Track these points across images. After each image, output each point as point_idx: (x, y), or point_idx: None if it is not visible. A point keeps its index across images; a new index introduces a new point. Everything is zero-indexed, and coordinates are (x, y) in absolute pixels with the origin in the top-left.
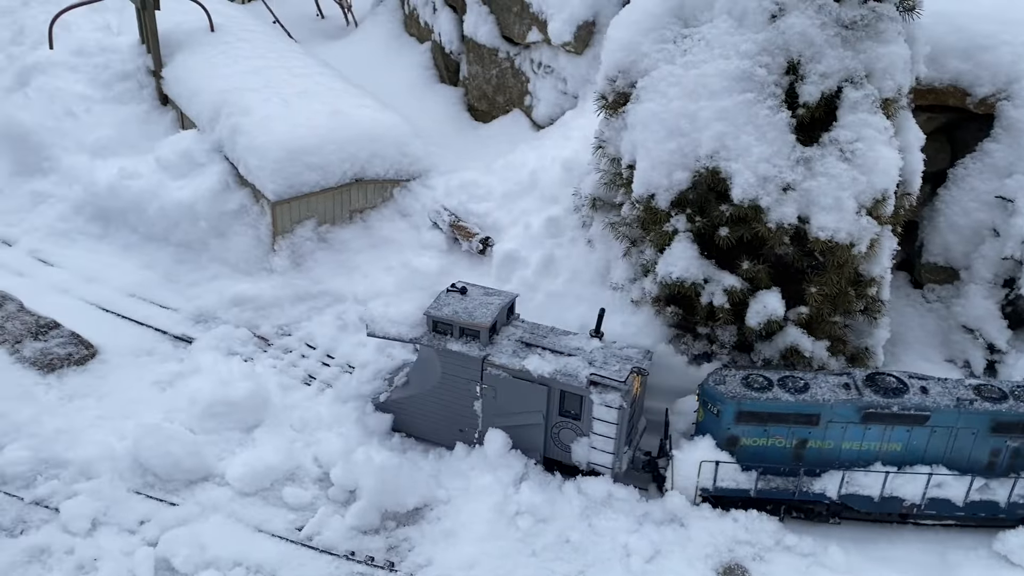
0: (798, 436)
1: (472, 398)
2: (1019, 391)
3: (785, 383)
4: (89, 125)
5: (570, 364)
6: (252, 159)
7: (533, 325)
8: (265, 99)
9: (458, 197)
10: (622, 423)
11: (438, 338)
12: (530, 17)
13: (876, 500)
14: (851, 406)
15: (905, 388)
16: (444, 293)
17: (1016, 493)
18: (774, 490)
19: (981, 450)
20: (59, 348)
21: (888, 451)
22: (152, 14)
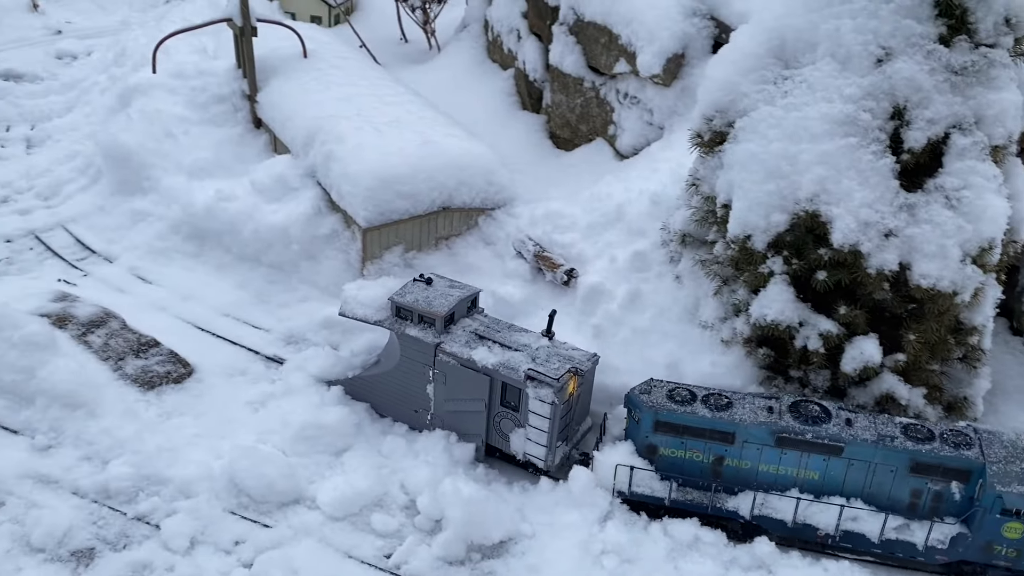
0: (715, 452)
1: (426, 382)
2: (950, 435)
3: (708, 400)
4: (187, 147)
5: (514, 358)
6: (345, 186)
7: (493, 320)
8: (358, 127)
9: (543, 227)
10: (555, 418)
11: (399, 323)
12: (618, 49)
13: (789, 525)
14: (765, 428)
15: (827, 418)
16: (411, 282)
17: (934, 537)
18: (689, 502)
19: (901, 489)
20: (158, 366)
21: (805, 478)
22: (250, 41)
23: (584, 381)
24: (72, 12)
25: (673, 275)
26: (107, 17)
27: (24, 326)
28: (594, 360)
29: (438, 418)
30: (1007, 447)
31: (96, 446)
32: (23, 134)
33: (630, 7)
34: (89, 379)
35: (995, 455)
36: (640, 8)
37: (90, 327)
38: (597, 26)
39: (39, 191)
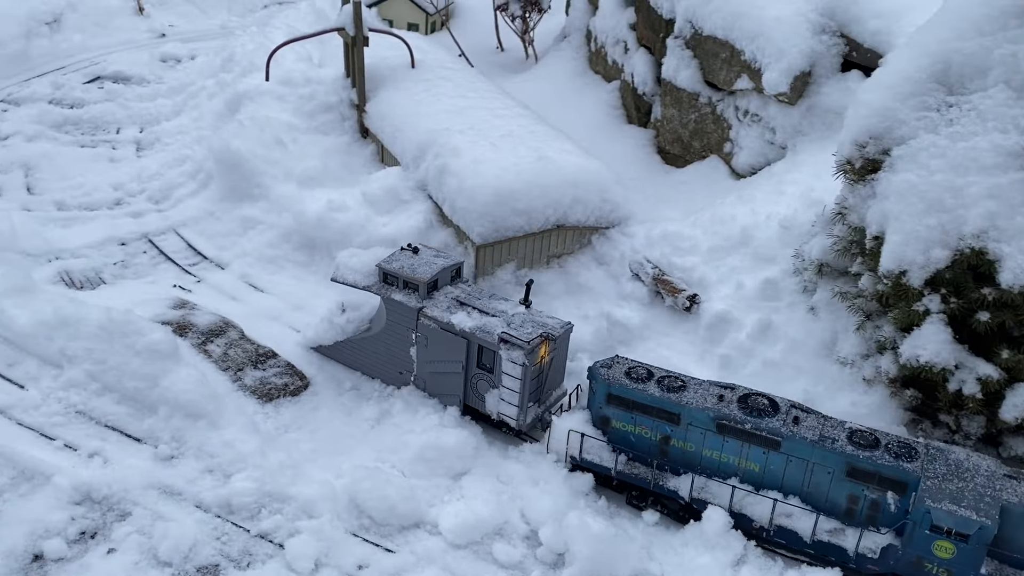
0: (662, 431)
1: (409, 345)
2: (895, 446)
3: (662, 381)
4: (296, 155)
5: (490, 323)
6: (460, 201)
7: (475, 288)
8: (472, 141)
9: (660, 248)
10: (525, 379)
11: (386, 288)
12: (740, 64)
13: (729, 512)
14: (707, 414)
15: (772, 413)
16: (399, 250)
17: (865, 545)
18: (633, 475)
19: (839, 493)
20: (276, 378)
21: (746, 469)
22: (361, 51)
23: (557, 348)
24: (175, 15)
25: (807, 306)
26: (207, 21)
27: (148, 333)
28: (568, 328)
29: (420, 379)
30: (950, 465)
31: (218, 459)
32: (133, 136)
33: (756, 22)
34: (211, 389)
35: (934, 471)
36: (768, 24)
37: (210, 336)
38: (717, 41)
39: (151, 194)
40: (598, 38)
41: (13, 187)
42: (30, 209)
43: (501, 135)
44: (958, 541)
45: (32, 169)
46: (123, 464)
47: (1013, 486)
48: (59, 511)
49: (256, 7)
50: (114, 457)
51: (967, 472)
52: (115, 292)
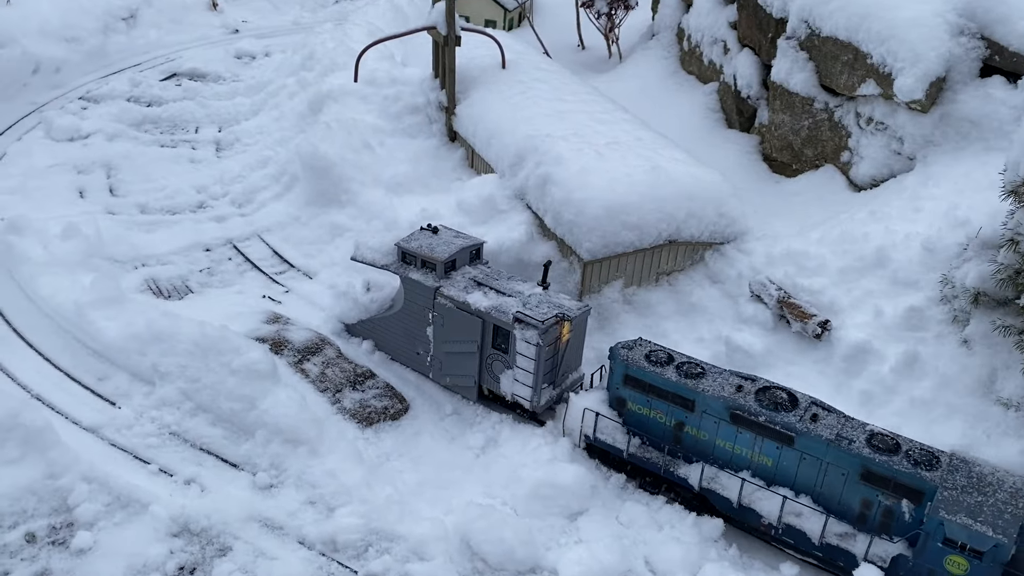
0: (676, 417)
1: (426, 324)
2: (916, 452)
3: (682, 366)
4: (384, 159)
5: (506, 303)
6: (567, 213)
7: (495, 270)
8: (577, 149)
9: (783, 267)
10: (539, 360)
11: (404, 267)
12: (866, 68)
13: (735, 506)
14: (721, 402)
15: (791, 407)
16: (419, 230)
17: (875, 553)
18: (645, 459)
19: (852, 496)
20: (375, 400)
21: (759, 463)
22: (452, 51)
23: (576, 331)
24: (248, 11)
25: (959, 339)
26: (280, 17)
27: (245, 352)
28: (585, 311)
29: (437, 360)
30: (972, 477)
31: (321, 490)
32: (212, 136)
33: (888, 23)
34: (311, 413)
35: (953, 482)
36: (901, 25)
37: (306, 354)
38: (839, 42)
39: (233, 197)
40: (692, 37)
41: (96, 188)
42: (114, 212)
43: (606, 142)
44: (972, 558)
45: (114, 169)
46: (221, 493)
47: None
48: (157, 544)
49: (328, 2)
50: (211, 484)
51: (989, 487)
52: (204, 302)
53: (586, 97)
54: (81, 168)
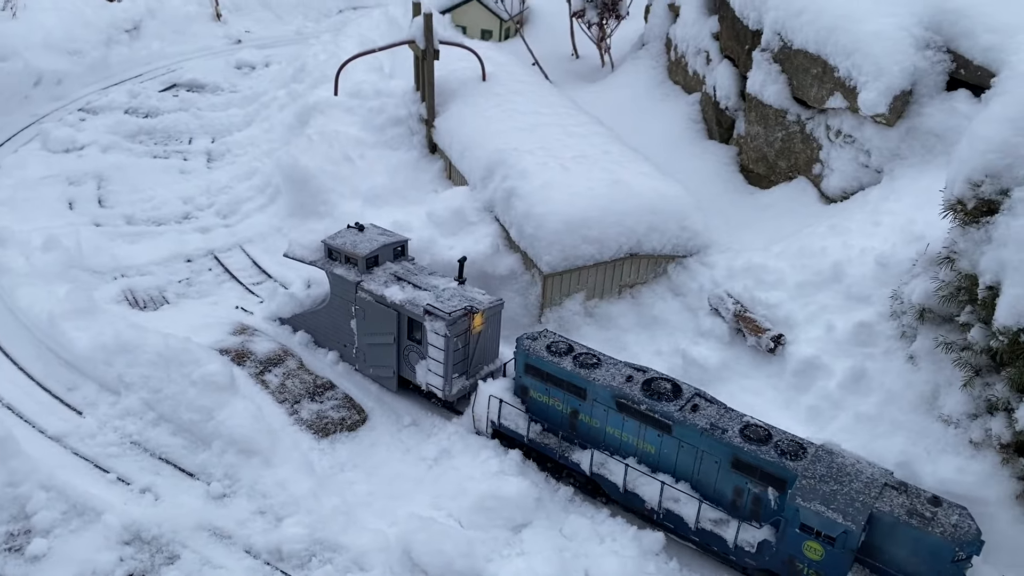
0: (571, 405)
1: (350, 317)
2: (785, 443)
3: (579, 357)
4: (364, 171)
5: (420, 296)
6: (528, 227)
7: (417, 267)
8: (542, 163)
9: (743, 281)
10: (448, 350)
11: (330, 263)
12: (833, 81)
13: (621, 491)
14: (609, 391)
15: (673, 397)
16: (346, 228)
17: (743, 539)
18: (543, 445)
19: (725, 484)
20: (333, 411)
21: (644, 450)
22: (431, 65)
23: (490, 324)
24: (251, 21)
25: (906, 354)
26: (283, 26)
27: (205, 364)
28: (499, 305)
29: (361, 351)
30: (832, 467)
31: (271, 500)
32: (205, 147)
33: (853, 37)
34: (266, 424)
35: (813, 471)
36: (865, 39)
37: (268, 365)
38: (809, 55)
39: (219, 208)
40: (678, 47)
41: (85, 199)
42: (100, 223)
43: (574, 156)
44: (825, 543)
45: (105, 181)
46: (174, 502)
47: (891, 496)
48: (108, 551)
49: (331, 12)
50: (166, 493)
51: (846, 476)
52: (178, 313)
53: (561, 110)
54: (73, 179)
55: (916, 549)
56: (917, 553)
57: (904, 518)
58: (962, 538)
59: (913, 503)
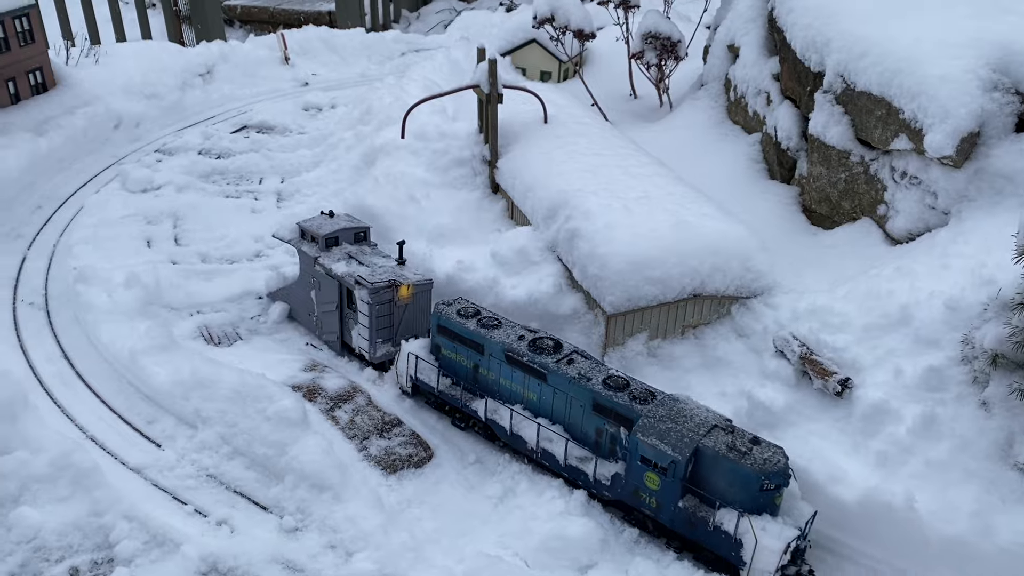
0: (474, 360)
1: (312, 289)
2: (639, 392)
3: (483, 319)
4: (428, 211)
5: (358, 271)
6: (592, 267)
7: (374, 250)
8: (606, 204)
9: (808, 323)
10: (372, 316)
11: (300, 242)
12: (898, 123)
13: (509, 433)
14: (500, 346)
15: (553, 352)
16: (319, 214)
17: (601, 473)
18: (450, 396)
19: (589, 425)
20: (401, 448)
21: (528, 398)
22: (495, 108)
23: (419, 301)
24: (317, 64)
25: (978, 401)
26: (348, 69)
27: (278, 400)
28: (428, 284)
29: (318, 320)
30: (673, 411)
31: (341, 534)
32: (275, 187)
33: (918, 79)
34: (336, 460)
35: (655, 413)
36: (930, 81)
37: (338, 401)
38: (872, 97)
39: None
40: (738, 87)
41: (162, 238)
42: (176, 261)
43: (636, 197)
44: (660, 473)
45: (180, 219)
46: (249, 535)
47: (718, 434)
48: None
49: (394, 55)
50: (241, 526)
51: (682, 418)
52: (250, 350)
53: (622, 151)
54: (151, 218)
55: (732, 479)
56: (733, 483)
57: (723, 451)
58: (769, 470)
59: (735, 441)
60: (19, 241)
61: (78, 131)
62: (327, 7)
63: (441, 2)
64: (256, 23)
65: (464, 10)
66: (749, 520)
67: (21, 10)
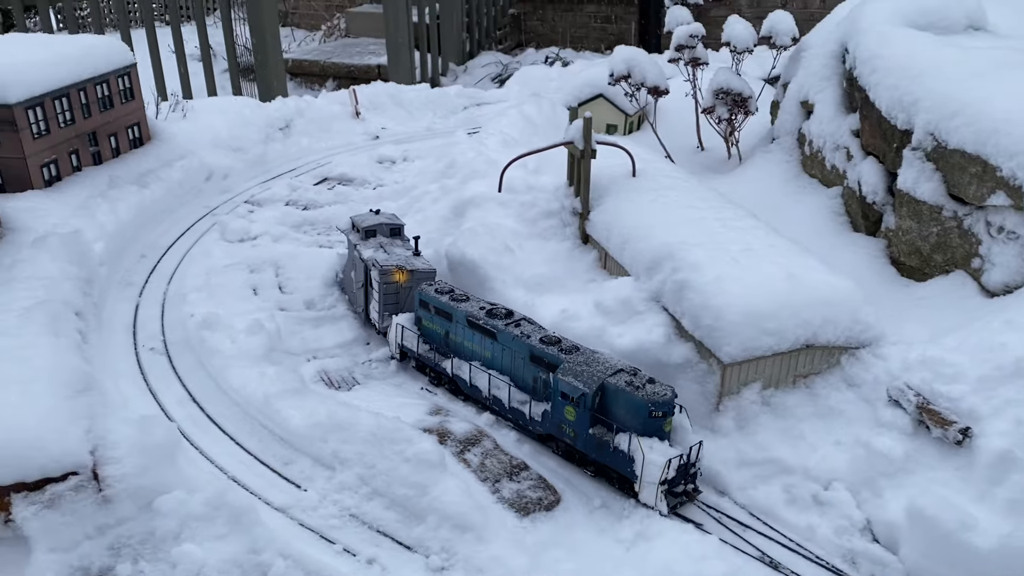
0: (445, 327)
1: (352, 270)
2: (566, 345)
3: (455, 296)
4: (524, 261)
5: (378, 255)
6: (706, 318)
7: (402, 244)
8: (712, 256)
9: (919, 374)
10: (381, 292)
11: (350, 232)
12: (995, 180)
13: (468, 384)
14: (463, 313)
15: (503, 318)
16: (367, 211)
17: (535, 412)
18: (426, 358)
19: (528, 374)
20: (531, 491)
21: (484, 355)
22: (588, 164)
23: (419, 282)
24: (386, 118)
25: None
26: (415, 123)
27: (417, 443)
28: (431, 271)
29: (354, 295)
30: (590, 359)
31: (487, 574)
32: None
33: (1017, 139)
34: (476, 501)
35: (575, 359)
36: None
37: (467, 445)
38: (967, 155)
39: None
40: (813, 142)
41: (267, 286)
42: (284, 308)
43: (741, 249)
44: (574, 405)
45: (281, 268)
46: (399, 573)
47: (621, 375)
48: None
49: (457, 109)
50: (390, 565)
51: (596, 363)
52: (371, 393)
53: (715, 204)
54: (253, 267)
55: (627, 408)
56: (628, 411)
57: (622, 386)
58: (656, 399)
59: (632, 380)
60: (130, 289)
61: (175, 183)
62: (376, 60)
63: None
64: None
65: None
66: (639, 441)
67: (124, 69)
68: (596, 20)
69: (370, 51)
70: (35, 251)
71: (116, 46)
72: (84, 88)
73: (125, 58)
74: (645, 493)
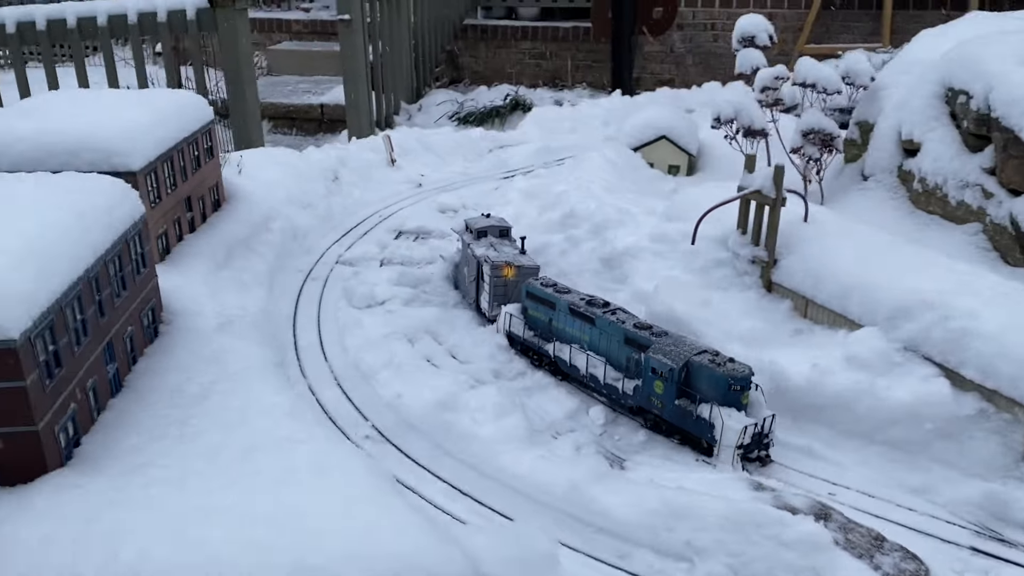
0: (548, 315)
1: (465, 266)
2: (657, 330)
3: (558, 288)
4: (721, 314)
5: (488, 253)
6: (1006, 367)
7: (510, 244)
8: (981, 303)
9: None
10: (491, 285)
11: (464, 233)
12: None
13: (568, 364)
14: (566, 303)
15: (601, 307)
16: (480, 214)
17: (627, 387)
18: (532, 342)
19: (621, 355)
20: (903, 562)
21: (584, 339)
22: (778, 211)
23: (524, 277)
24: (420, 164)
25: None
26: (448, 167)
27: (795, 525)
28: (535, 268)
29: (467, 288)
30: (677, 341)
31: None
32: None
33: None
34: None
35: (664, 341)
36: None
37: (820, 519)
38: None
39: None
40: (927, 179)
41: (440, 354)
42: (480, 380)
43: (992, 295)
44: (663, 379)
45: (435, 334)
46: None
47: (705, 355)
48: None
49: (483, 152)
50: None
51: (682, 344)
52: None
53: (909, 248)
54: (408, 335)
55: (709, 382)
56: (710, 385)
57: (705, 363)
58: (735, 375)
59: (715, 359)
60: (291, 368)
61: (277, 246)
62: (317, 100)
63: (440, 93)
64: (273, 119)
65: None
66: (719, 410)
67: (207, 125)
68: (530, 57)
69: (303, 89)
70: (229, 338)
71: (197, 100)
72: (182, 149)
73: (207, 113)
74: (723, 456)
